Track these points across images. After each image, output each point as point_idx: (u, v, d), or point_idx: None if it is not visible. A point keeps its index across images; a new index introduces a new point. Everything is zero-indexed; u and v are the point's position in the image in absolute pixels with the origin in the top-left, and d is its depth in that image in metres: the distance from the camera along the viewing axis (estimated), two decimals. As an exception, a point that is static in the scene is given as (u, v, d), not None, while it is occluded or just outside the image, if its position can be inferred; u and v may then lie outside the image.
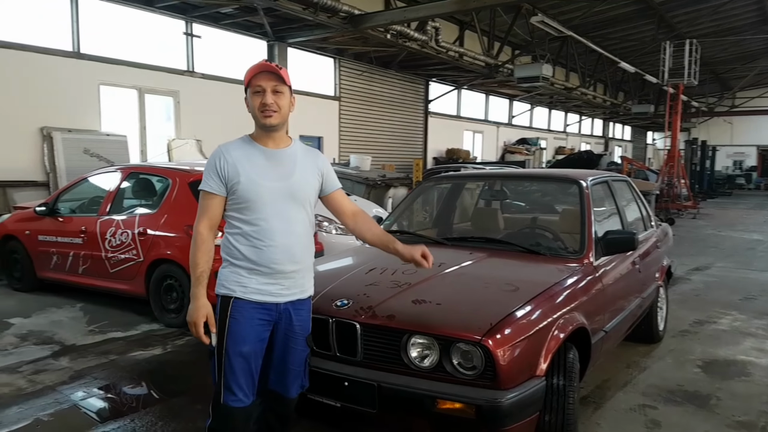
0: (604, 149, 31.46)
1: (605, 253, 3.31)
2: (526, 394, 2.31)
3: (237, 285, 2.16)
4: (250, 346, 2.16)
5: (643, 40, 19.30)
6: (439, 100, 18.24)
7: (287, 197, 2.19)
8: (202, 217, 2.18)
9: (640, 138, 38.15)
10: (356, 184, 9.01)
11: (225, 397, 2.16)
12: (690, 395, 3.66)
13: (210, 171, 2.18)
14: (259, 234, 2.15)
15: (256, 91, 2.16)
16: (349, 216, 2.45)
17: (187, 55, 10.85)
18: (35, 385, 3.71)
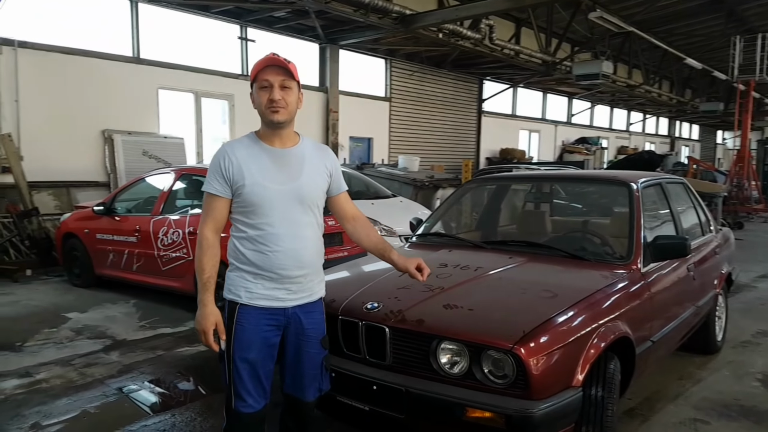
0: (670, 149, 30.15)
1: (655, 259, 3.14)
2: (560, 405, 2.21)
3: (243, 290, 2.10)
4: (257, 352, 2.10)
5: (711, 35, 18.34)
6: (494, 99, 17.94)
7: (294, 200, 2.11)
8: (207, 220, 2.11)
9: (709, 137, 36.33)
10: (404, 185, 8.97)
11: (236, 404, 2.13)
12: (746, 410, 3.44)
13: (214, 172, 2.10)
14: (265, 239, 2.08)
15: (263, 86, 2.07)
16: (350, 220, 2.38)
17: (242, 59, 11.12)
18: (85, 378, 3.87)
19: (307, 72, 12.45)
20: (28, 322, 5.15)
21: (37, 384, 3.75)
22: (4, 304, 5.82)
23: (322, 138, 12.67)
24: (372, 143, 14.15)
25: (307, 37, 12.12)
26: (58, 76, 8.49)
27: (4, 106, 7.94)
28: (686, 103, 23.23)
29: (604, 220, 3.99)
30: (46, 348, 4.47)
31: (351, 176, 8.06)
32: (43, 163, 8.28)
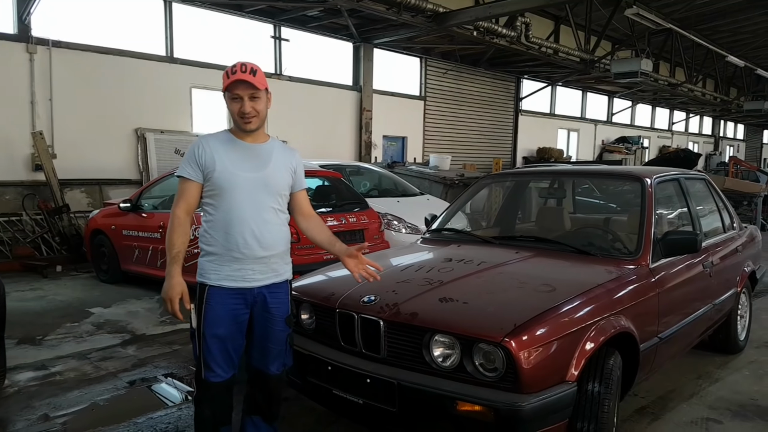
0: (714, 149, 29.17)
1: (665, 254, 3.08)
2: (551, 399, 2.19)
3: (212, 273, 2.30)
4: (225, 328, 2.30)
5: (757, 32, 17.63)
6: (532, 98, 17.71)
7: (260, 186, 2.31)
8: (179, 201, 2.31)
9: (754, 137, 34.96)
10: (433, 183, 8.96)
11: (205, 374, 2.33)
12: (763, 411, 3.37)
13: (189, 159, 2.31)
14: (231, 220, 2.27)
15: (235, 98, 2.28)
16: (305, 217, 2.56)
17: (275, 58, 11.30)
18: (99, 371, 3.96)
19: (340, 71, 12.55)
20: (51, 316, 5.29)
21: (51, 377, 3.84)
22: (30, 299, 5.99)
23: (355, 137, 12.76)
24: (406, 142, 14.17)
25: (341, 36, 12.22)
26: (92, 75, 8.75)
27: (38, 104, 8.24)
28: (730, 102, 22.42)
29: (618, 215, 3.93)
30: (66, 342, 4.57)
31: (381, 175, 8.10)
32: (76, 161, 8.56)
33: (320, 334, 2.78)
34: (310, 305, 2.83)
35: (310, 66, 11.84)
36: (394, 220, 6.42)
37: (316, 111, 11.78)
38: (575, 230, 3.61)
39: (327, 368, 2.59)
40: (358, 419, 2.61)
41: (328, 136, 12.08)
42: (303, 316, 2.88)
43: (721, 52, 16.27)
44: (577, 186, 4.51)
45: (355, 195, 6.12)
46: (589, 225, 3.75)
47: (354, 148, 12.76)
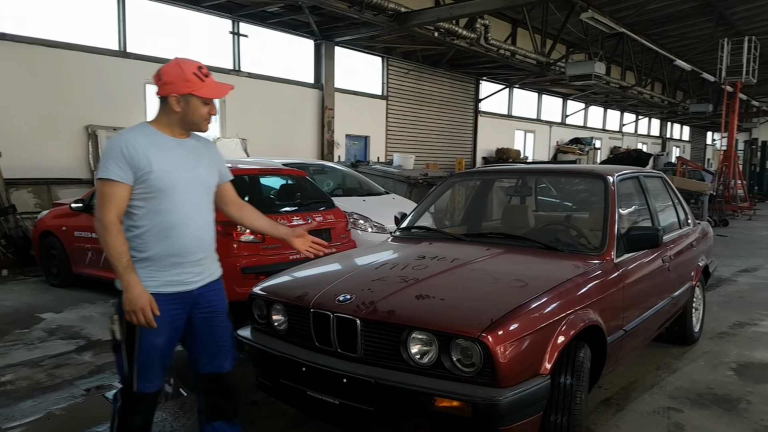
0: (662, 149, 30.31)
1: (628, 249, 3.18)
2: (527, 393, 2.22)
3: (148, 279, 2.14)
4: (165, 336, 2.19)
5: (702, 38, 18.48)
6: (490, 99, 18.00)
7: (197, 186, 2.24)
8: (109, 206, 2.09)
9: (699, 138, 36.57)
10: (398, 182, 9.00)
11: (140, 385, 2.20)
12: (719, 399, 3.52)
13: (115, 159, 2.10)
14: (171, 224, 2.16)
15: (207, 103, 2.23)
16: (237, 207, 2.51)
17: (234, 55, 11.11)
18: (54, 379, 3.77)
19: (301, 68, 12.44)
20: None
21: (1, 386, 3.64)
22: (-26, 306, 5.64)
23: (318, 135, 12.68)
24: (369, 141, 14.17)
25: (301, 33, 12.12)
26: (40, 70, 8.39)
27: (-20, 100, 7.81)
28: (677, 105, 23.37)
29: (581, 212, 4.03)
30: (16, 349, 4.35)
31: (345, 174, 8.07)
32: (22, 159, 8.14)
33: (293, 334, 2.74)
34: (283, 306, 2.78)
35: (270, 63, 11.69)
36: (360, 219, 6.40)
37: (276, 109, 11.64)
38: (541, 227, 3.69)
39: (301, 369, 2.56)
40: (333, 420, 2.58)
41: (289, 134, 11.96)
42: (274, 317, 2.83)
43: (669, 56, 16.93)
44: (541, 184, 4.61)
45: (321, 194, 6.07)
46: (554, 222, 3.84)
47: (316, 147, 12.68)
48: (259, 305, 2.91)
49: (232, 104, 10.78)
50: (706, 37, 17.97)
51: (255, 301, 2.94)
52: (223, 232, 4.93)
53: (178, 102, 2.19)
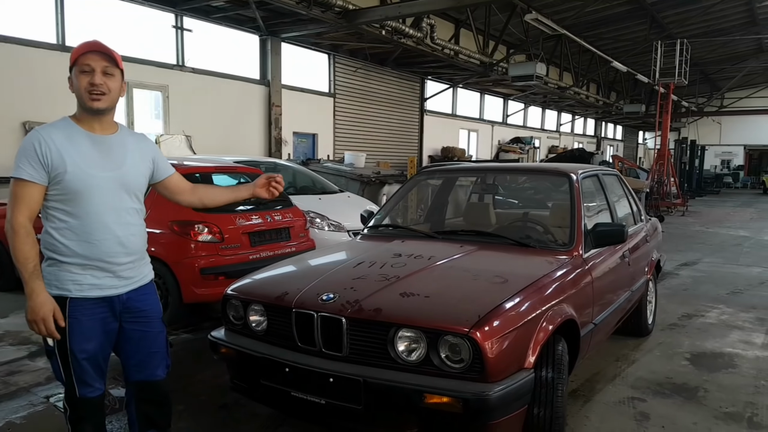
0: (596, 148, 31.58)
1: (595, 245, 3.29)
2: (514, 387, 2.26)
3: (71, 283, 2.04)
4: (96, 341, 2.10)
5: (636, 40, 19.37)
6: (435, 99, 18.22)
7: (119, 187, 2.10)
8: (20, 207, 1.97)
9: (631, 137, 38.37)
10: (350, 181, 8.97)
11: (81, 391, 2.12)
12: (678, 387, 3.68)
13: (28, 157, 1.97)
14: (90, 228, 2.04)
15: (84, 71, 2.02)
16: (189, 192, 2.42)
17: (177, 49, 10.74)
18: (8, 387, 3.56)
19: (247, 64, 12.18)
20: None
21: None
22: None
23: (265, 133, 12.44)
24: (316, 139, 14.02)
25: (247, 29, 11.86)
26: (-29, 63, 7.85)
27: None
28: (611, 105, 24.42)
29: (546, 209, 4.13)
30: None
31: (296, 171, 7.96)
32: (-47, 157, 7.60)
33: (272, 335, 2.68)
34: (261, 306, 2.72)
35: (216, 58, 11.38)
36: (317, 217, 6.33)
37: (222, 105, 11.35)
38: (509, 224, 3.76)
39: (284, 370, 2.51)
40: (319, 420, 2.55)
41: (236, 131, 11.69)
42: (251, 318, 2.77)
43: (606, 57, 17.63)
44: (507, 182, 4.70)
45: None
46: (520, 219, 3.92)
47: (263, 145, 12.44)
48: (235, 306, 2.83)
49: (176, 100, 10.44)
50: (639, 39, 18.84)
51: (230, 301, 2.86)
52: (180, 232, 4.77)
53: (70, 82, 2.08)
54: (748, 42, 23.22)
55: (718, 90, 31.23)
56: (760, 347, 4.52)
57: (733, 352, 4.40)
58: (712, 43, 21.24)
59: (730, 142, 36.12)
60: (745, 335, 4.82)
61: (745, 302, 5.98)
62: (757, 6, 18.72)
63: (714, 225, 13.65)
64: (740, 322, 5.23)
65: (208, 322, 4.99)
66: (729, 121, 34.53)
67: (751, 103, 31.75)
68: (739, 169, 35.74)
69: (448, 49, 13.51)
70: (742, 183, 34.51)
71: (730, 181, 33.99)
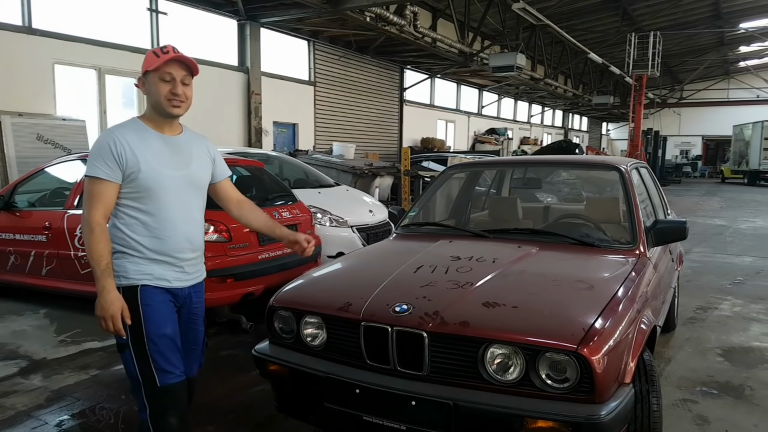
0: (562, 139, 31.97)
1: (656, 243, 3.10)
2: (623, 405, 2.04)
3: (141, 274, 2.10)
4: (172, 324, 2.15)
5: (607, 32, 19.54)
6: (414, 89, 17.96)
7: (187, 185, 2.18)
8: (96, 205, 2.02)
9: (595, 129, 39.04)
10: (341, 173, 8.62)
11: (162, 379, 2.09)
12: (723, 386, 3.58)
13: (104, 156, 2.02)
14: (160, 223, 2.11)
15: (165, 80, 2.09)
16: (235, 204, 2.44)
17: (152, 33, 10.14)
18: (5, 411, 3.16)
19: (225, 50, 11.65)
20: None
21: None
22: None
23: (244, 122, 11.91)
24: (297, 129, 13.54)
25: (225, 12, 11.30)
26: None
27: None
28: (581, 97, 24.65)
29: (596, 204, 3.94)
30: None
31: (288, 162, 7.58)
32: None
33: (333, 350, 2.38)
34: (320, 318, 2.41)
35: (192, 43, 10.79)
36: (318, 212, 6.00)
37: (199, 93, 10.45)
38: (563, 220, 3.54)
39: (354, 392, 2.21)
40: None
41: (214, 120, 11.13)
42: (306, 332, 2.46)
43: (583, 48, 17.69)
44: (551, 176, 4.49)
45: (282, 187, 5.60)
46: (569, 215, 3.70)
47: (243, 135, 11.90)
48: (284, 318, 2.52)
49: (152, 88, 9.83)
50: (611, 31, 19.02)
51: (278, 312, 2.54)
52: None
53: (143, 84, 2.14)
54: (710, 36, 23.80)
55: (680, 82, 32.03)
56: (785, 341, 4.47)
57: (762, 346, 4.35)
58: (677, 36, 21.63)
59: (689, 132, 37.16)
60: (765, 328, 4.80)
61: (751, 293, 5.98)
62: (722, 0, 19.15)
63: (688, 214, 13.82)
64: (754, 314, 5.21)
65: (214, 328, 4.64)
66: (688, 112, 35.53)
67: (708, 95, 32.71)
68: (697, 158, 36.80)
69: (429, 37, 13.25)
70: (701, 172, 35.57)
71: (690, 170, 34.94)
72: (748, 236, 10.25)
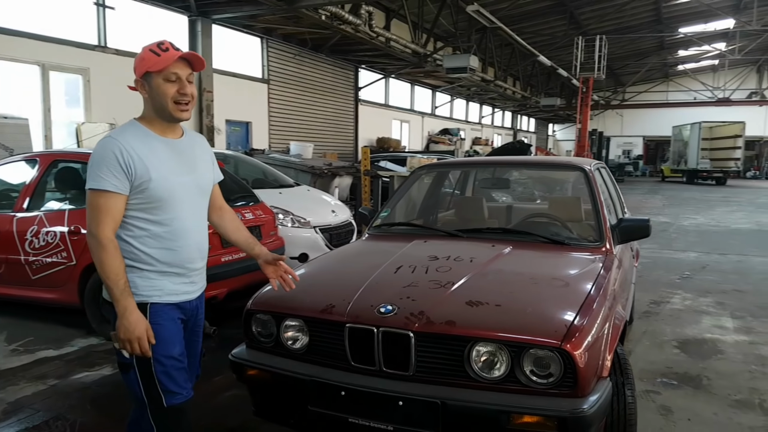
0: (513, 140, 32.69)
1: (621, 240, 3.21)
2: (603, 399, 2.10)
3: (151, 290, 1.98)
4: (180, 345, 2.04)
5: (555, 35, 20.09)
6: (369, 89, 17.94)
7: (197, 192, 2.08)
8: (105, 220, 1.87)
9: (542, 130, 40.09)
10: (300, 172, 8.54)
11: (169, 400, 1.98)
12: (682, 377, 3.73)
13: (110, 167, 1.87)
14: (172, 234, 1.99)
15: (171, 80, 1.93)
16: (216, 210, 2.30)
17: (99, 29, 9.76)
18: None
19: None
20: None
21: None
22: None
23: (196, 120, 11.61)
24: (251, 128, 13.28)
25: (175, 8, 10.99)
26: None
27: None
28: (529, 98, 25.27)
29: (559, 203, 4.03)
30: None
31: (245, 162, 7.45)
32: None
33: (316, 353, 2.36)
34: (301, 320, 2.38)
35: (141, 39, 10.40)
36: (281, 213, 5.92)
37: (150, 91, 10.45)
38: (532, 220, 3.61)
39: (340, 394, 2.20)
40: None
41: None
42: (287, 335, 2.42)
43: (533, 51, 18.10)
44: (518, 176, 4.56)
45: (244, 187, 5.50)
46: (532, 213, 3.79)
47: (195, 134, 11.61)
48: (263, 322, 2.48)
49: (99, 85, 9.48)
50: (559, 35, 19.57)
51: (255, 316, 2.49)
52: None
53: (143, 86, 1.97)
54: (652, 39, 24.87)
55: (622, 85, 33.29)
56: (734, 332, 4.71)
57: (714, 337, 4.55)
58: (621, 39, 22.48)
59: (631, 133, 38.65)
60: (715, 320, 5.03)
61: (699, 287, 6.27)
62: (663, 5, 20.03)
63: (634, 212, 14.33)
64: (704, 307, 5.46)
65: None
66: (630, 113, 36.98)
67: (649, 97, 34.12)
68: (638, 158, 38.34)
69: (384, 37, 13.27)
70: (642, 171, 37.11)
71: (631, 170, 36.36)
72: (691, 233, 10.75)
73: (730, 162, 26.76)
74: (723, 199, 18.37)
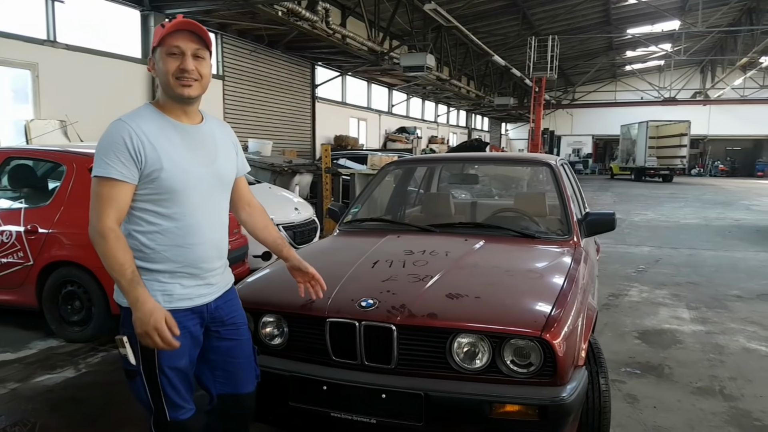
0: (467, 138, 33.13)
1: (588, 234, 3.30)
2: (581, 387, 2.16)
3: (159, 294, 1.80)
4: (187, 357, 1.87)
5: (508, 36, 20.46)
6: (326, 86, 17.80)
7: (215, 184, 1.90)
8: (107, 210, 1.72)
9: (496, 129, 40.79)
10: (259, 170, 8.42)
11: (172, 414, 1.86)
12: (645, 366, 3.85)
13: (118, 152, 1.71)
14: (185, 230, 1.82)
15: (172, 53, 1.76)
16: (245, 207, 2.16)
17: (47, 22, 9.32)
18: None
19: (129, 42, 10.97)
20: None
21: None
22: None
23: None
24: (205, 126, 12.97)
25: (127, 3, 10.63)
26: None
27: None
28: (483, 98, 25.67)
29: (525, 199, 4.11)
30: None
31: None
32: None
33: (295, 349, 2.34)
34: (280, 316, 2.35)
35: (93, 34, 10.09)
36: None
37: (102, 87, 10.06)
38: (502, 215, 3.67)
39: (321, 388, 2.18)
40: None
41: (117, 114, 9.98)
42: (265, 331, 2.39)
43: (488, 50, 18.38)
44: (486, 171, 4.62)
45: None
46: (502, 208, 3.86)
47: (149, 132, 11.28)
48: (240, 319, 2.43)
49: (48, 80, 9.07)
50: (512, 35, 19.94)
51: (233, 314, 2.44)
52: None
53: (154, 66, 1.82)
54: (601, 40, 25.67)
55: (572, 84, 34.24)
56: (691, 322, 4.90)
57: (672, 328, 4.73)
58: (571, 40, 23.11)
59: (581, 132, 39.80)
60: (672, 312, 5.21)
61: (653, 280, 6.50)
62: (612, 7, 20.70)
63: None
64: (660, 299, 5.67)
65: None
66: (579, 112, 38.04)
67: (598, 97, 35.20)
68: (588, 156, 39.53)
69: (340, 34, 13.22)
70: (591, 169, 38.30)
71: (582, 167, 37.46)
72: (642, 228, 11.15)
73: (676, 160, 27.86)
74: (671, 196, 19.11)
